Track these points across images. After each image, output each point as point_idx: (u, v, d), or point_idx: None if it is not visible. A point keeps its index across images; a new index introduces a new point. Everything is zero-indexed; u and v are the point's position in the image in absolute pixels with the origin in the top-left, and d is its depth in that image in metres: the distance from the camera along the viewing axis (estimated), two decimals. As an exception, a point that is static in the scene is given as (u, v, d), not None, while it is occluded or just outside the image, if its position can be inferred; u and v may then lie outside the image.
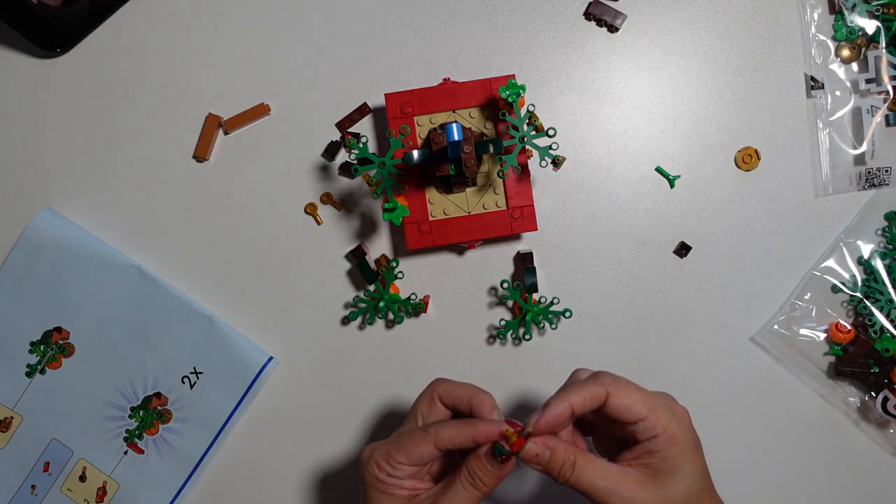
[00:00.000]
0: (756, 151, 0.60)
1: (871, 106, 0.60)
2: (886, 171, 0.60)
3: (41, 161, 0.63)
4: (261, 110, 0.61)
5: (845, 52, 0.60)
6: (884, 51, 0.59)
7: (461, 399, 0.45)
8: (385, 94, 0.56)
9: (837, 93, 0.60)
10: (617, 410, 0.42)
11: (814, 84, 0.61)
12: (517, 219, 0.56)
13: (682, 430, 0.42)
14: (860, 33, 0.60)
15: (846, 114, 0.61)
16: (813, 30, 0.61)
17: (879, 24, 0.59)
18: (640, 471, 0.42)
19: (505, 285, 0.57)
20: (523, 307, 0.58)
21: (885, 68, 0.59)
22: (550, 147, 0.51)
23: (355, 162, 0.57)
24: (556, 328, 0.61)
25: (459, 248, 0.62)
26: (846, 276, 0.60)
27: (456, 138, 0.49)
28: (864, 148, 0.60)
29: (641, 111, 0.61)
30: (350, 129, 0.62)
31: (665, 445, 0.42)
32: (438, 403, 0.45)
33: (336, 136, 0.62)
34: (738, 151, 0.61)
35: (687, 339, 0.61)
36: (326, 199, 0.62)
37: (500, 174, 0.51)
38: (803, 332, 0.60)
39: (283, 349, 0.62)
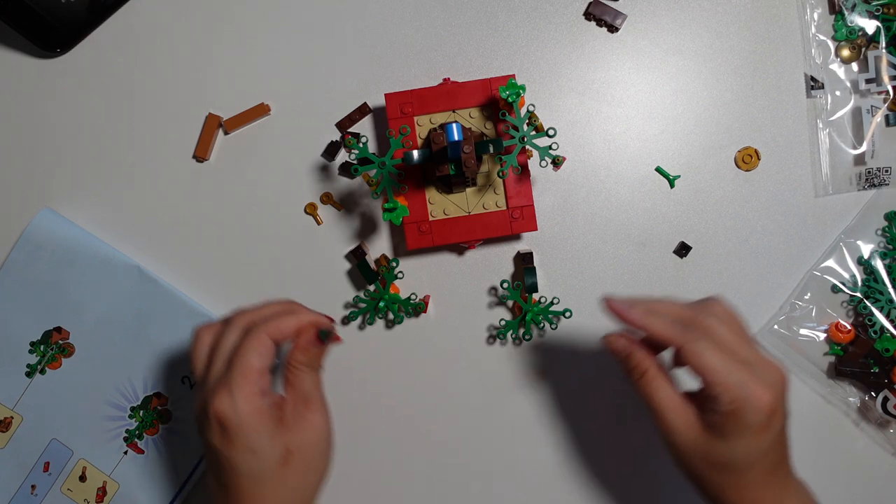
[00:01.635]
0: (756, 151, 0.60)
1: (871, 106, 0.60)
2: (886, 170, 0.60)
3: (41, 161, 0.63)
4: (261, 110, 0.61)
5: (845, 52, 0.60)
6: (884, 51, 0.59)
7: (288, 326, 0.48)
8: (385, 94, 0.56)
9: (837, 93, 0.60)
10: (690, 367, 0.43)
11: (814, 84, 0.61)
12: (517, 219, 0.56)
13: (750, 411, 0.42)
14: (860, 33, 0.60)
15: (846, 114, 0.61)
16: (813, 30, 0.61)
17: (879, 24, 0.59)
18: (698, 414, 0.44)
19: (505, 285, 0.58)
20: (523, 307, 0.58)
21: (885, 68, 0.59)
22: (550, 147, 0.51)
23: (355, 162, 0.57)
24: (556, 328, 0.61)
25: (459, 248, 0.62)
26: (846, 276, 0.60)
27: (456, 138, 0.49)
28: (864, 148, 0.60)
29: (641, 111, 0.61)
30: (350, 129, 0.62)
31: (725, 416, 0.42)
32: (267, 339, 0.47)
33: (336, 136, 0.62)
34: (738, 151, 0.61)
35: (687, 339, 0.61)
36: (326, 199, 0.62)
37: (500, 174, 0.51)
38: (803, 332, 0.60)
39: (282, 349, 0.62)
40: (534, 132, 0.51)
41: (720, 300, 0.47)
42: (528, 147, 0.51)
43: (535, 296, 0.60)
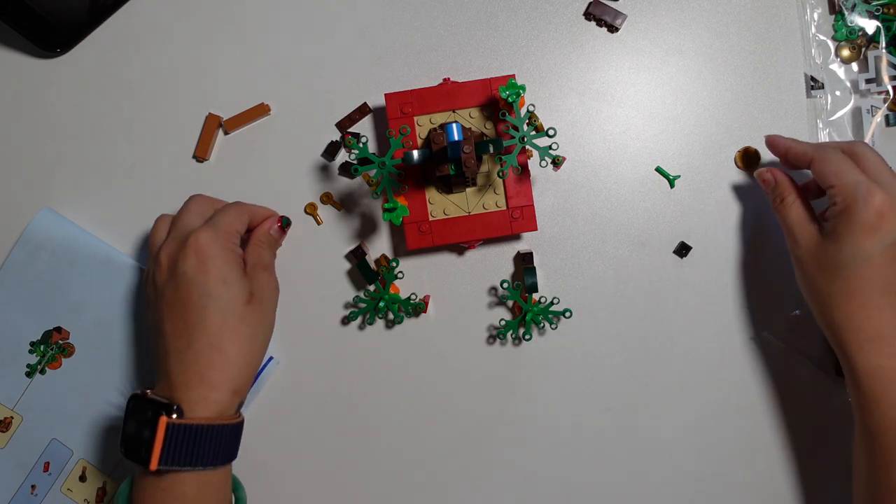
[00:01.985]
0: (756, 151, 0.60)
1: (871, 106, 0.60)
2: (886, 171, 0.60)
3: (41, 161, 0.63)
4: (261, 110, 0.61)
5: (845, 52, 0.60)
6: (884, 51, 0.59)
7: (257, 214, 0.57)
8: (385, 94, 0.56)
9: (837, 93, 0.60)
10: (816, 175, 0.51)
11: (814, 84, 0.61)
12: (517, 219, 0.56)
13: (860, 206, 0.46)
14: (860, 33, 0.60)
15: (846, 114, 0.61)
16: (813, 30, 0.61)
17: (879, 24, 0.59)
18: (820, 227, 0.50)
19: (505, 285, 0.58)
20: (523, 307, 0.58)
21: (885, 68, 0.59)
22: (550, 147, 0.51)
23: (355, 162, 0.57)
24: (556, 328, 0.61)
25: (459, 248, 0.62)
26: (846, 276, 0.60)
27: (456, 138, 0.49)
28: (864, 148, 0.60)
29: (641, 111, 0.61)
30: (350, 129, 0.62)
31: (837, 214, 0.48)
32: (246, 215, 0.56)
33: (336, 136, 0.62)
34: (738, 151, 0.61)
35: (687, 339, 0.61)
36: (326, 199, 0.62)
37: (500, 174, 0.51)
38: (804, 331, 0.60)
39: (283, 349, 0.62)
40: (534, 132, 0.51)
41: (866, 145, 0.53)
42: (528, 147, 0.51)
43: (535, 296, 0.60)
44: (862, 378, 0.48)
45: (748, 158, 0.60)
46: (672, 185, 0.61)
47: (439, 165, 0.52)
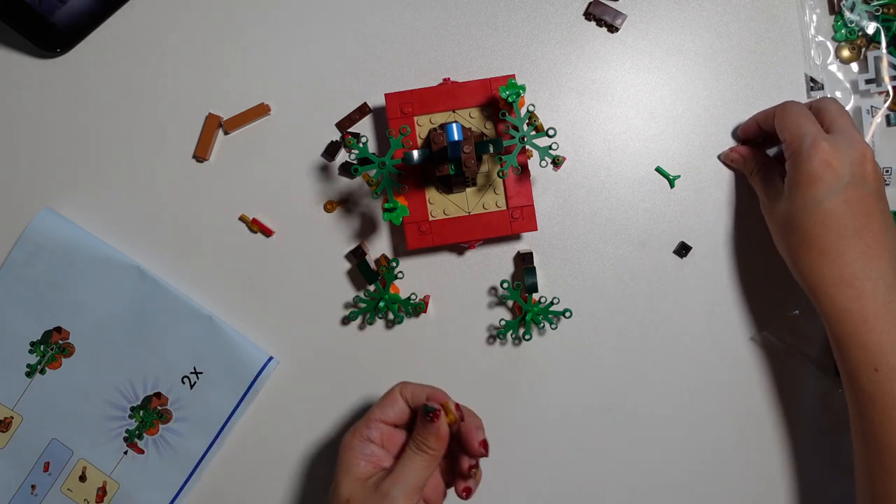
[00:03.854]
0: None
1: (872, 106, 0.60)
2: (887, 171, 0.60)
3: (41, 161, 0.63)
4: (261, 110, 0.61)
5: (845, 53, 0.60)
6: (884, 51, 0.59)
7: (418, 393, 0.50)
8: (385, 94, 0.56)
9: (837, 93, 0.60)
10: (777, 130, 0.52)
11: (813, 85, 0.61)
12: (517, 219, 0.56)
13: (805, 158, 0.48)
14: (860, 34, 0.60)
15: (846, 114, 0.61)
16: (812, 30, 0.61)
17: (879, 25, 0.59)
18: (783, 182, 0.51)
19: (505, 285, 0.58)
20: (523, 307, 0.58)
21: (885, 68, 0.59)
22: (550, 147, 0.51)
23: (355, 162, 0.57)
24: (556, 328, 0.61)
25: (459, 248, 0.62)
26: (846, 276, 0.60)
27: (456, 138, 0.49)
28: (864, 148, 0.60)
29: (641, 111, 0.61)
30: (350, 129, 0.62)
31: (789, 168, 0.49)
32: (399, 397, 0.50)
33: (336, 136, 0.62)
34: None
35: (687, 339, 0.61)
36: (331, 207, 0.62)
37: (500, 174, 0.51)
38: (804, 332, 0.60)
39: (283, 349, 0.62)
40: (534, 132, 0.51)
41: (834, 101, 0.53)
42: (528, 147, 0.51)
43: (535, 296, 0.60)
44: (832, 323, 0.49)
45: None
46: (672, 185, 0.61)
47: (439, 165, 0.52)
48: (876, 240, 0.47)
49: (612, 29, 0.61)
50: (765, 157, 0.57)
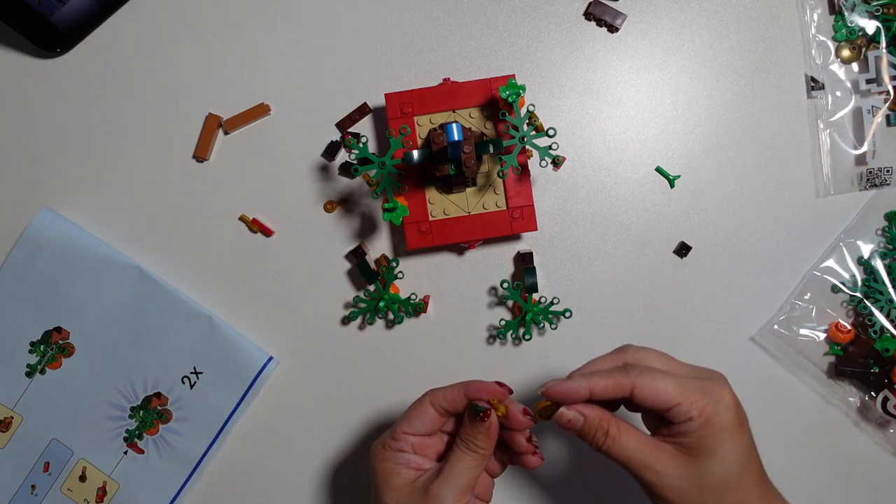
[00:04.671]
0: (552, 404, 0.46)
1: (872, 106, 0.60)
2: (888, 170, 0.60)
3: (41, 161, 0.63)
4: (261, 110, 0.61)
5: (845, 53, 0.60)
6: (884, 51, 0.59)
7: (452, 396, 0.46)
8: (385, 94, 0.56)
9: (838, 93, 0.60)
10: (646, 401, 0.42)
11: (814, 84, 0.61)
12: (517, 219, 0.56)
13: (720, 410, 0.41)
14: (860, 33, 0.60)
15: (847, 114, 0.61)
16: (813, 30, 0.60)
17: (879, 25, 0.59)
18: (675, 447, 0.42)
19: (505, 285, 0.57)
20: (523, 307, 0.58)
21: (886, 68, 0.59)
22: (550, 147, 0.51)
23: (355, 162, 0.57)
24: (556, 328, 0.61)
25: (459, 248, 0.62)
26: (846, 276, 0.60)
27: (456, 138, 0.49)
28: (864, 148, 0.60)
29: (641, 111, 0.61)
30: (350, 129, 0.62)
31: (700, 427, 0.41)
32: (428, 408, 0.46)
33: (336, 136, 0.62)
34: (536, 407, 0.46)
35: (687, 339, 0.61)
36: (331, 207, 0.62)
37: (500, 174, 0.51)
38: (803, 332, 0.60)
39: (283, 349, 0.62)
40: (534, 132, 0.51)
41: (630, 344, 0.47)
42: (528, 147, 0.51)
43: (535, 296, 0.60)
44: None
45: (545, 410, 0.45)
46: (672, 185, 0.61)
47: (439, 165, 0.52)
48: (770, 481, 0.46)
49: (612, 29, 0.61)
50: (615, 416, 0.44)
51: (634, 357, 0.44)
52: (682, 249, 0.61)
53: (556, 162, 0.53)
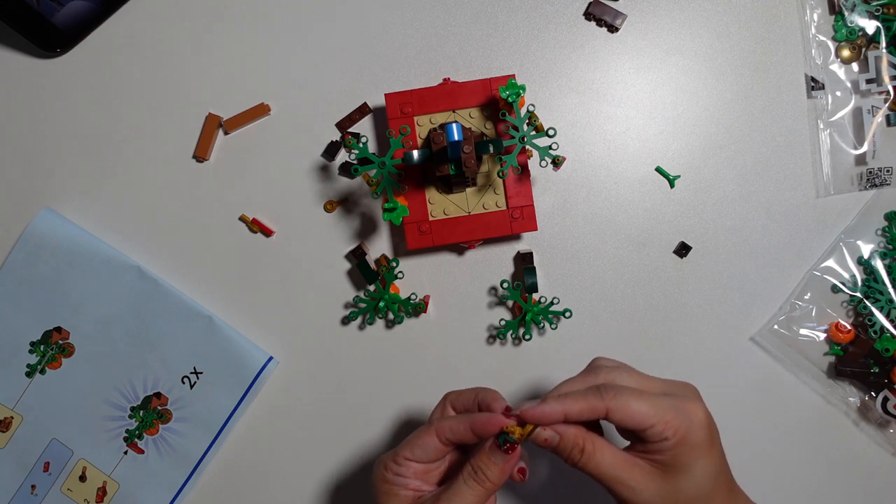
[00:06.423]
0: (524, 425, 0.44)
1: (872, 106, 0.60)
2: (888, 170, 0.60)
3: (41, 161, 0.63)
4: (261, 110, 0.61)
5: (845, 53, 0.60)
6: (884, 51, 0.59)
7: (469, 400, 0.45)
8: (385, 94, 0.56)
9: (838, 93, 0.60)
10: (622, 423, 0.42)
11: (814, 84, 0.61)
12: (517, 219, 0.56)
13: (694, 429, 0.42)
14: (860, 33, 0.60)
15: (847, 114, 0.61)
16: (813, 30, 0.60)
17: (879, 25, 0.59)
18: (649, 463, 0.43)
19: (505, 285, 0.57)
20: (523, 307, 0.58)
21: (886, 68, 0.59)
22: (550, 147, 0.51)
23: (355, 162, 0.57)
24: (556, 328, 0.61)
25: (459, 248, 0.62)
26: (846, 276, 0.60)
27: (456, 138, 0.49)
28: (865, 148, 0.60)
29: (641, 111, 0.61)
30: (350, 129, 0.62)
31: (675, 446, 0.42)
32: (450, 410, 0.46)
33: (336, 136, 0.62)
34: (521, 431, 0.44)
35: (687, 339, 0.61)
36: (331, 207, 0.62)
37: (500, 174, 0.51)
38: (803, 332, 0.60)
39: (283, 349, 0.62)
40: (534, 132, 0.51)
41: (601, 357, 0.47)
42: (528, 147, 0.51)
43: (535, 296, 0.60)
44: None
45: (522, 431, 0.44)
46: (672, 185, 0.61)
47: (439, 165, 0.52)
48: (739, 487, 0.47)
49: (612, 29, 0.61)
50: (590, 432, 0.44)
51: (607, 378, 0.44)
52: (682, 249, 0.61)
53: (556, 162, 0.53)
